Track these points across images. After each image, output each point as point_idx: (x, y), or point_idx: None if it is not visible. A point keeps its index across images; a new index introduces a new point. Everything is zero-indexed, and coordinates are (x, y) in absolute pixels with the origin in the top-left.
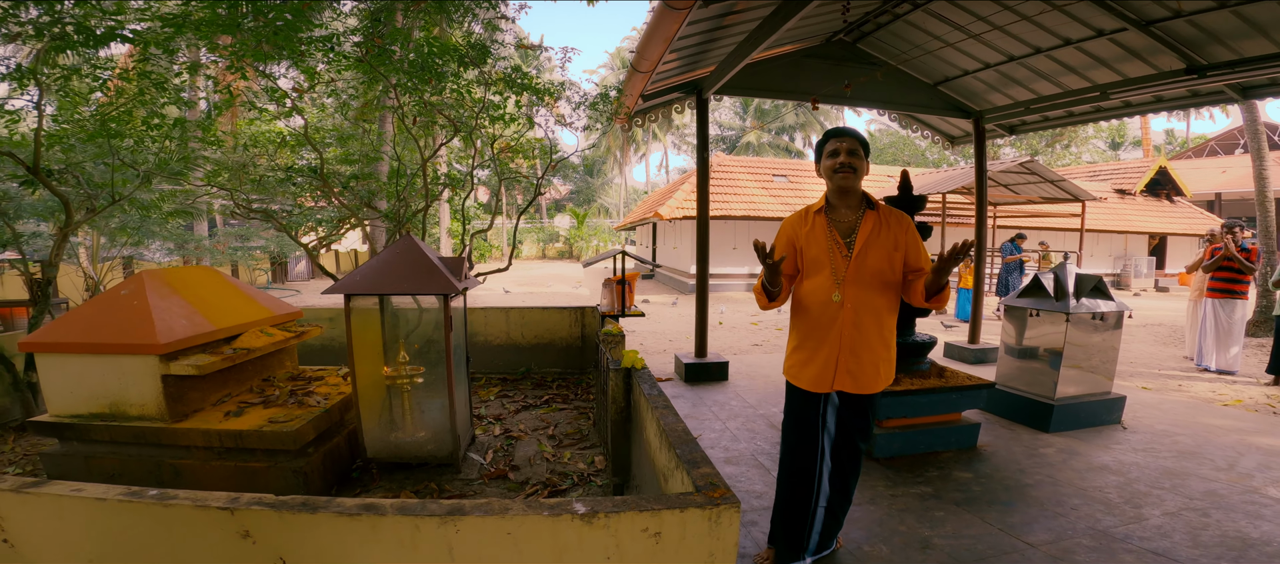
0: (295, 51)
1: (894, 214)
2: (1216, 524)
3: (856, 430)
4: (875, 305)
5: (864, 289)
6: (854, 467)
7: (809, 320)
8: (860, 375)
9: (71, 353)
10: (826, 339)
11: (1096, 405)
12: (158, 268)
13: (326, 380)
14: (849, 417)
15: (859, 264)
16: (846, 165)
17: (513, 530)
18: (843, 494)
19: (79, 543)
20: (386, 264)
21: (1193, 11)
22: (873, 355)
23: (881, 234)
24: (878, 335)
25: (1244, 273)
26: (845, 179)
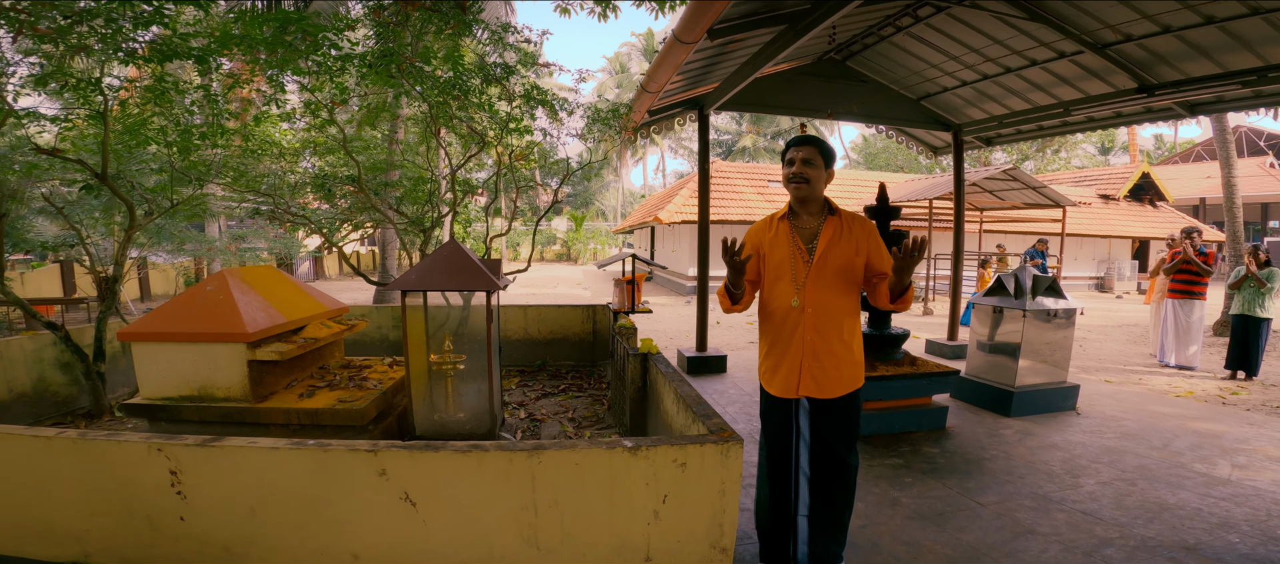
0: (330, 68)
1: (856, 219)
2: (1140, 492)
3: (833, 436)
4: (835, 310)
5: (824, 294)
6: (840, 479)
7: (773, 326)
8: (823, 379)
9: (166, 341)
10: (790, 345)
11: (1052, 393)
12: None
13: (375, 368)
14: (821, 421)
15: (819, 269)
16: (799, 175)
17: (579, 461)
18: (827, 506)
19: (243, 492)
20: (436, 265)
21: (1142, 36)
22: (835, 359)
23: (842, 239)
24: (838, 339)
25: (1202, 275)
26: (798, 189)
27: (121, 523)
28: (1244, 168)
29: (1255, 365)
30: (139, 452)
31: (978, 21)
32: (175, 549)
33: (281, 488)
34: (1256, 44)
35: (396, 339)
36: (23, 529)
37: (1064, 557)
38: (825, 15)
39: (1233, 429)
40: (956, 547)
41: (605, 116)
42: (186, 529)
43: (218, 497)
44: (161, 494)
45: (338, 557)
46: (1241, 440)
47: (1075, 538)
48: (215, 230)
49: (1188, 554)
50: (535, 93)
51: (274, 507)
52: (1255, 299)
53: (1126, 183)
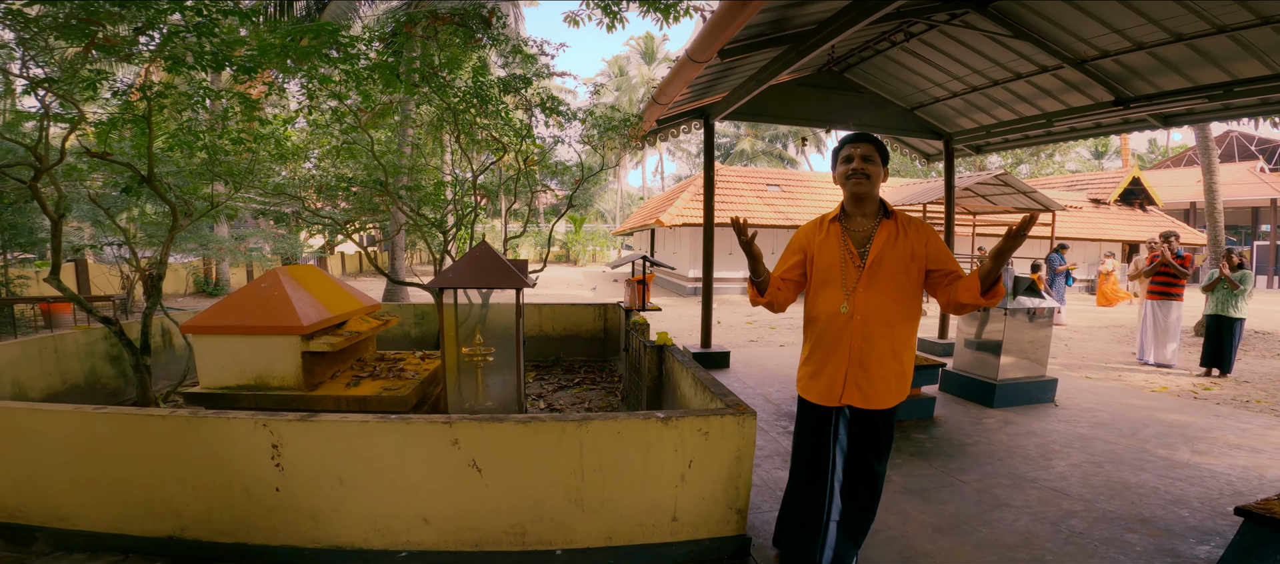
0: (360, 76)
1: (913, 222)
2: (1105, 473)
3: (869, 446)
4: (887, 318)
5: (875, 300)
6: (869, 488)
7: (817, 331)
8: (869, 390)
9: (227, 334)
10: (835, 351)
11: (1032, 386)
12: (285, 265)
13: (408, 361)
14: (860, 431)
15: (871, 275)
16: (860, 172)
17: (620, 430)
18: (857, 511)
19: (334, 463)
20: (471, 264)
21: (1117, 52)
22: (883, 369)
23: (897, 244)
24: (889, 349)
25: (1179, 277)
26: (858, 185)
27: (220, 496)
28: (1235, 172)
29: (1229, 363)
30: (245, 427)
31: (967, 38)
32: (267, 520)
33: (366, 458)
34: (1222, 60)
35: (418, 335)
36: (124, 507)
37: (1033, 525)
38: (826, 38)
39: (1198, 420)
40: (940, 516)
41: (618, 125)
42: (280, 499)
43: (311, 467)
44: (261, 466)
45: (409, 521)
46: (1205, 430)
47: (1044, 510)
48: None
49: (1142, 525)
50: (551, 103)
51: (359, 476)
52: (1228, 300)
53: (1117, 187)
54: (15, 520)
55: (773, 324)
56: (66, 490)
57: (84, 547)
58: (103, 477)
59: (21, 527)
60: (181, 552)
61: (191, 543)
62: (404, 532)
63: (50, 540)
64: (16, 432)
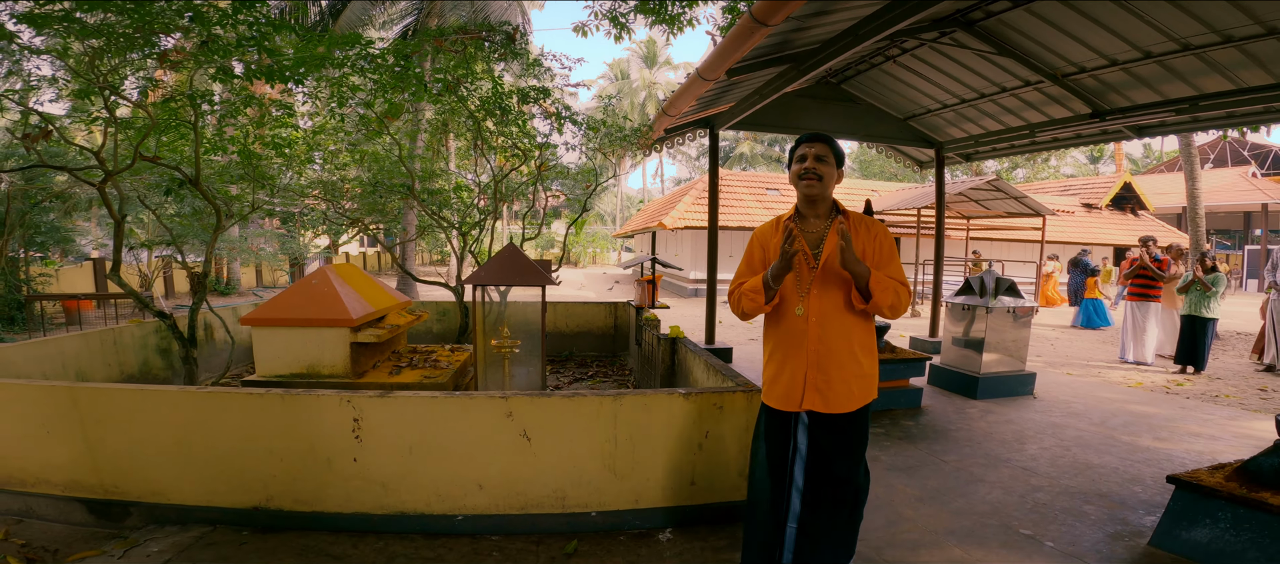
0: (388, 85)
1: (864, 222)
2: (1072, 455)
3: (835, 451)
4: (843, 318)
5: (830, 301)
6: (836, 494)
7: (777, 335)
8: (829, 393)
9: (283, 326)
10: (793, 354)
11: (1012, 379)
12: (331, 264)
13: (438, 352)
14: (822, 436)
15: (824, 276)
16: (811, 171)
17: (648, 404)
18: (819, 516)
19: (404, 434)
20: (501, 263)
21: (1094, 68)
22: (843, 371)
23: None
24: (846, 350)
25: (1157, 280)
26: (809, 187)
27: (304, 466)
28: (1227, 178)
29: (1202, 360)
30: (332, 402)
31: (956, 55)
32: (344, 488)
33: (432, 430)
34: (1189, 76)
35: (440, 330)
36: (215, 481)
37: (1003, 497)
38: (825, 59)
39: (1165, 412)
40: (923, 489)
41: (630, 136)
42: (357, 469)
43: (385, 438)
44: (343, 438)
45: (466, 486)
46: (1170, 420)
47: (1014, 485)
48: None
49: (1099, 498)
50: (568, 113)
51: (426, 446)
52: (1202, 301)
53: (1109, 192)
54: (111, 497)
55: None
56: (162, 467)
57: (175, 520)
58: (197, 452)
59: (117, 503)
60: (266, 521)
61: (275, 512)
62: (462, 497)
63: (143, 515)
64: (121, 412)
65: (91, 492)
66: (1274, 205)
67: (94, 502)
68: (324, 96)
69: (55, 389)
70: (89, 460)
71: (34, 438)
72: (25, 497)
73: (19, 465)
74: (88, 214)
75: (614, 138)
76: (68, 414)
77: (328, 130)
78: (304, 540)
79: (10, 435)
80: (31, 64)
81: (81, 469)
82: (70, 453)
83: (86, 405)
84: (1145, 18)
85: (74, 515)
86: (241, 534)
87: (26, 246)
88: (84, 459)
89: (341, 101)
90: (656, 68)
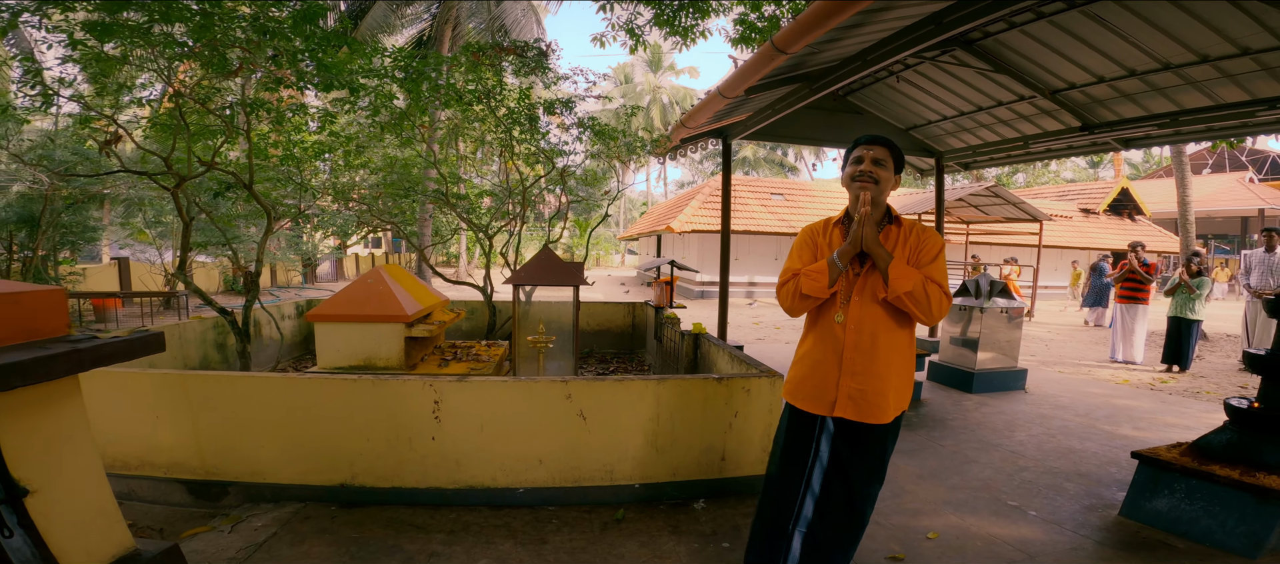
0: (425, 95)
1: (918, 229)
2: (1057, 441)
3: (855, 466)
4: (882, 326)
5: (869, 309)
6: (849, 510)
7: (813, 338)
8: (862, 401)
9: (344, 322)
10: (826, 359)
11: (1005, 375)
12: (384, 264)
13: (477, 347)
14: (844, 448)
15: (865, 282)
16: (867, 174)
17: (686, 388)
18: (827, 531)
19: (478, 414)
20: (537, 265)
21: (1083, 84)
22: (879, 382)
23: (897, 251)
24: (885, 359)
25: (1145, 283)
26: (864, 188)
27: (387, 445)
28: (1224, 183)
29: (1187, 359)
30: (416, 387)
31: (955, 71)
32: (421, 465)
33: (502, 411)
34: (1170, 92)
35: (469, 328)
36: (307, 460)
37: (993, 476)
38: (838, 80)
39: (1147, 406)
40: (923, 468)
41: (648, 145)
42: (434, 447)
43: (461, 419)
44: (423, 419)
45: (528, 461)
46: (1150, 412)
47: (1003, 466)
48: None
49: (1079, 477)
50: (589, 122)
51: (494, 425)
52: (1187, 303)
53: (1107, 197)
54: (211, 477)
55: (778, 324)
56: (260, 448)
57: (269, 498)
58: (292, 434)
59: (216, 483)
60: (350, 497)
61: (358, 489)
62: (524, 471)
63: (240, 494)
64: (226, 397)
65: (193, 473)
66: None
67: (195, 482)
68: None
69: (168, 376)
70: (193, 443)
71: (143, 422)
72: (127, 479)
73: (123, 449)
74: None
75: (631, 147)
76: (177, 399)
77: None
78: (386, 513)
79: (120, 420)
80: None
81: (185, 451)
82: (176, 436)
83: (195, 391)
84: (1129, 39)
85: (174, 496)
86: (330, 509)
87: (58, 247)
88: (189, 442)
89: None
90: (661, 72)
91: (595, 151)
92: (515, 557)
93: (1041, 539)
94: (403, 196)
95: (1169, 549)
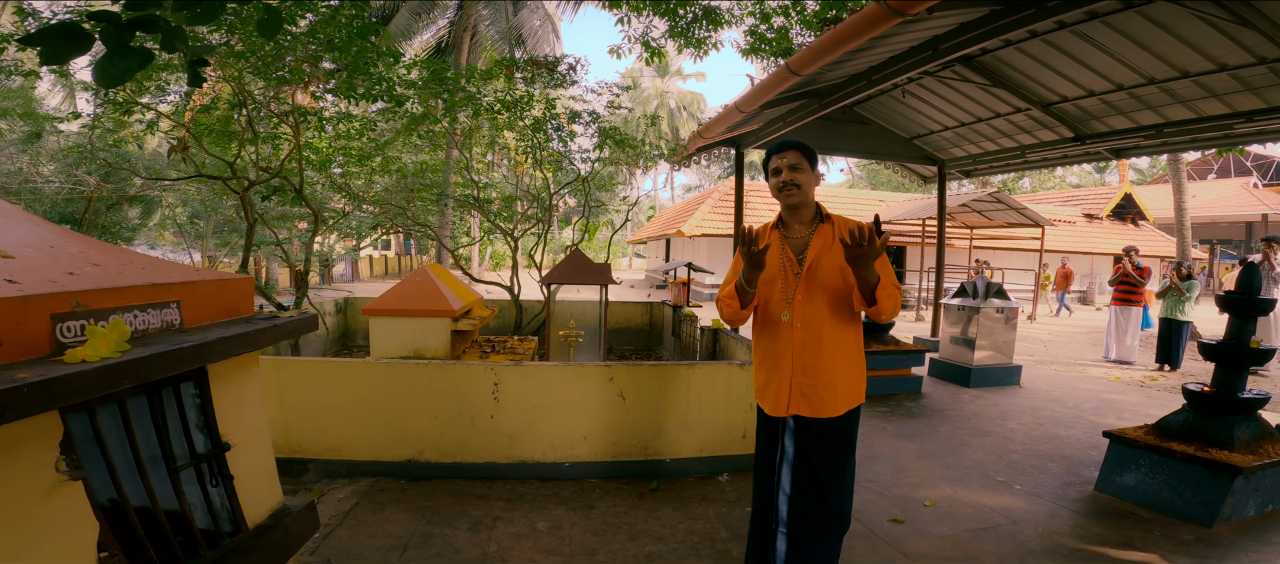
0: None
1: (847, 225)
2: (1045, 429)
3: (818, 457)
4: (828, 323)
5: (814, 306)
6: (821, 504)
7: (764, 341)
8: (814, 397)
9: (397, 316)
10: (780, 360)
11: (1001, 370)
12: (428, 264)
13: (510, 342)
14: (806, 440)
15: (808, 280)
16: (788, 183)
17: (712, 372)
18: (804, 527)
19: (531, 396)
20: (568, 266)
21: (1075, 98)
22: (828, 376)
23: (833, 247)
24: (833, 355)
25: (1139, 286)
26: (790, 196)
27: (452, 424)
28: (1228, 188)
29: (1177, 359)
30: (479, 371)
31: (956, 85)
32: (480, 441)
33: (552, 392)
34: (1156, 106)
35: (496, 325)
36: (379, 438)
37: (985, 457)
38: (845, 97)
39: (1133, 400)
40: (922, 450)
41: (665, 153)
42: (493, 425)
43: (516, 400)
44: (484, 400)
45: (574, 439)
46: (1135, 405)
47: (994, 449)
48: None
49: (1062, 459)
50: (612, 132)
51: (546, 405)
52: (1177, 305)
53: (1110, 202)
54: (294, 455)
55: None
56: (339, 427)
57: (345, 473)
58: (368, 414)
59: (298, 460)
60: (417, 472)
61: (423, 464)
62: (569, 447)
63: (319, 471)
64: (313, 379)
65: (279, 451)
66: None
67: (280, 460)
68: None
69: (263, 360)
70: (281, 422)
71: None
72: None
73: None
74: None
75: (649, 156)
76: (270, 382)
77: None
78: (448, 486)
79: None
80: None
81: (274, 430)
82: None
83: (286, 374)
84: (1116, 56)
85: None
86: (400, 482)
87: None
88: (278, 420)
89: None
90: (668, 77)
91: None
92: (568, 520)
93: (1024, 508)
94: (434, 201)
95: (1135, 518)
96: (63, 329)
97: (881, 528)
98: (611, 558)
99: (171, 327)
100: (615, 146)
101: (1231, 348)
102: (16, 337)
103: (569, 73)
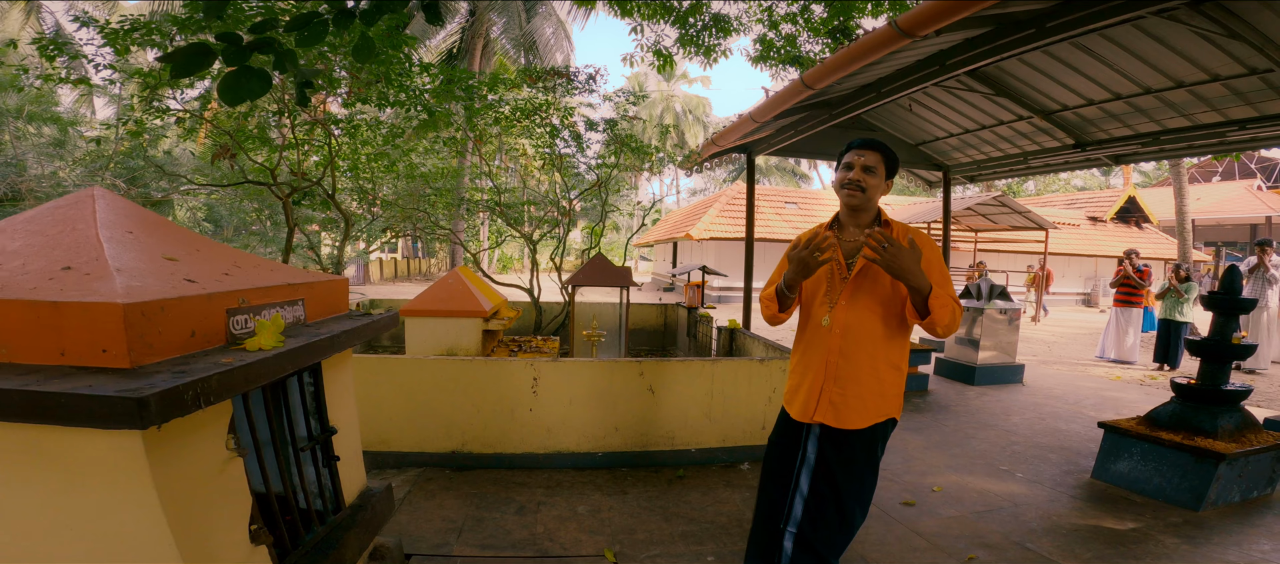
0: (478, 112)
1: (910, 233)
2: (1046, 423)
3: (838, 469)
4: (869, 332)
5: (857, 314)
6: (837, 513)
7: (802, 345)
8: (842, 407)
9: (432, 316)
10: (813, 365)
11: (1004, 369)
12: (461, 267)
13: (535, 341)
14: (830, 451)
15: (854, 287)
16: (855, 182)
17: (735, 368)
18: (815, 531)
19: (569, 390)
20: (591, 268)
21: (1075, 106)
22: (860, 387)
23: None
24: (868, 366)
25: (1139, 288)
26: (851, 197)
27: (494, 416)
28: (1232, 190)
29: (1176, 358)
30: (520, 366)
31: (960, 93)
32: (520, 433)
33: (586, 387)
34: (1153, 114)
35: (516, 327)
36: (426, 430)
37: (989, 448)
38: (855, 108)
39: (1132, 397)
40: (929, 441)
41: (679, 160)
42: (532, 417)
43: (553, 393)
44: (524, 394)
45: (607, 428)
46: (1134, 402)
47: (997, 440)
48: None
49: (1061, 450)
50: (628, 139)
51: (581, 398)
52: (1175, 306)
53: (1114, 205)
54: None
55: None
56: (389, 420)
57: (394, 464)
58: (416, 407)
59: None
60: (460, 462)
61: (466, 455)
62: (602, 438)
63: (370, 461)
64: (366, 374)
65: None
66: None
67: None
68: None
69: None
70: None
71: None
72: None
73: None
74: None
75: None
76: None
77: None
78: (490, 475)
79: None
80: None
81: None
82: None
83: None
84: (1115, 68)
85: None
86: (445, 472)
87: None
88: None
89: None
90: (673, 81)
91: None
92: (606, 504)
93: (1025, 493)
94: (453, 205)
95: (1128, 503)
96: (235, 322)
97: (894, 510)
98: (649, 536)
99: (299, 322)
100: (630, 153)
101: (1215, 343)
102: (205, 329)
103: (588, 83)
